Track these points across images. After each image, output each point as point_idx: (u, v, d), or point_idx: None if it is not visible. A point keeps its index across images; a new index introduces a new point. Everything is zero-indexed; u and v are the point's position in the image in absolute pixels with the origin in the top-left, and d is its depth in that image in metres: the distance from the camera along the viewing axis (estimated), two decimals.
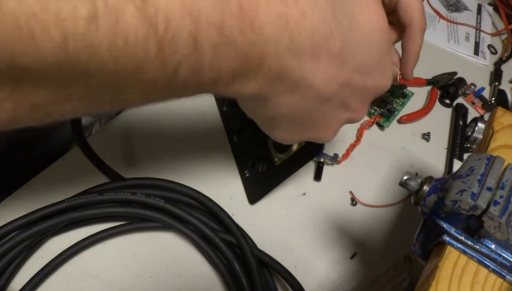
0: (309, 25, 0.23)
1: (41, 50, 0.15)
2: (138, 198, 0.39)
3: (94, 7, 0.16)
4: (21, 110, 0.18)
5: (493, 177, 0.25)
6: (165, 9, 0.18)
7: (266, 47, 0.22)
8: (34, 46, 0.15)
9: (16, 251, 0.37)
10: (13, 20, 0.15)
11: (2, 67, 0.15)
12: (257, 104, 0.27)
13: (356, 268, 0.42)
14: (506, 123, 0.33)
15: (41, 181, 0.43)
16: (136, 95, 0.20)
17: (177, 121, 0.49)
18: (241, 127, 0.47)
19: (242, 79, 0.23)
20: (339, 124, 0.31)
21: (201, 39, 0.19)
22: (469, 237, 0.26)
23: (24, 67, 0.16)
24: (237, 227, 0.39)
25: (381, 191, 0.47)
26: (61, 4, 0.15)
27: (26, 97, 0.17)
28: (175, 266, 0.40)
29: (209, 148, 0.48)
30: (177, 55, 0.19)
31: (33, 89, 0.17)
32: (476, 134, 0.49)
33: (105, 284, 0.38)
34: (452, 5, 0.69)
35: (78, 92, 0.18)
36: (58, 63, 0.16)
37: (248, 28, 0.21)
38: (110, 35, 0.16)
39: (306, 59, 0.23)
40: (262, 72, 0.23)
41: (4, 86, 0.16)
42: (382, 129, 0.52)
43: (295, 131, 0.30)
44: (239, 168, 0.46)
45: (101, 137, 0.47)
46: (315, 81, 0.25)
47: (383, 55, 0.29)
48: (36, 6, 0.15)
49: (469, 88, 0.57)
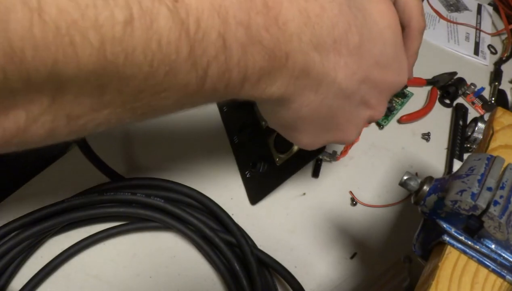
0: (329, 19, 0.23)
1: (80, 57, 0.16)
2: (138, 198, 0.39)
3: (130, 11, 0.16)
4: (58, 122, 0.18)
5: (493, 177, 0.25)
6: (196, 10, 0.18)
7: (291, 43, 0.22)
8: (74, 54, 0.15)
9: (16, 251, 0.37)
10: (55, 28, 0.15)
11: (43, 76, 0.15)
12: (280, 108, 0.27)
13: (356, 268, 0.42)
14: (506, 123, 0.33)
15: (41, 181, 0.43)
16: (167, 100, 0.20)
17: (177, 122, 0.49)
18: (242, 128, 0.47)
19: (268, 78, 0.23)
20: (361, 123, 0.31)
21: (229, 39, 0.19)
22: (469, 237, 0.26)
23: (64, 75, 0.16)
24: (237, 227, 0.39)
25: (381, 191, 0.47)
26: (99, 10, 0.15)
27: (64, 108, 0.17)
28: (175, 266, 0.40)
29: (209, 148, 0.48)
30: (206, 56, 0.19)
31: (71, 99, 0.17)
32: (476, 134, 0.49)
33: (105, 284, 0.38)
34: (452, 5, 0.69)
35: (113, 100, 0.18)
36: (95, 69, 0.16)
37: (273, 25, 0.21)
38: (145, 38, 0.17)
39: (328, 53, 0.24)
40: (287, 70, 0.23)
41: (45, 97, 0.16)
42: (381, 128, 0.52)
43: (318, 134, 0.30)
44: (240, 168, 0.46)
45: (101, 137, 0.47)
46: (338, 76, 0.25)
47: (399, 51, 0.29)
48: (76, 14, 0.15)
49: (469, 88, 0.57)
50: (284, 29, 0.21)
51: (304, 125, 0.28)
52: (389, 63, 0.28)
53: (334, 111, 0.28)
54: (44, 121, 0.17)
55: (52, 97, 0.17)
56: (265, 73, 0.22)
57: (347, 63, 0.25)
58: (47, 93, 0.16)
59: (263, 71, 0.22)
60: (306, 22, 0.22)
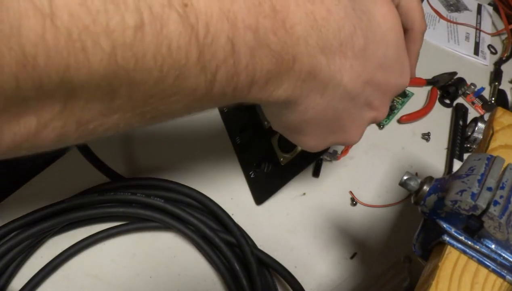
0: (335, 22, 0.23)
1: (92, 63, 0.16)
2: (138, 198, 0.39)
3: (141, 16, 0.16)
4: (68, 128, 0.18)
5: (493, 177, 0.25)
6: (205, 14, 0.18)
7: (298, 46, 0.22)
8: (86, 59, 0.15)
9: (16, 251, 0.37)
10: (67, 34, 0.15)
11: (55, 82, 0.15)
12: (286, 111, 0.27)
13: (356, 268, 0.42)
14: (506, 123, 0.33)
15: (41, 181, 0.43)
16: (175, 105, 0.20)
17: (177, 122, 0.49)
18: (243, 128, 0.47)
19: (275, 81, 0.23)
20: (365, 125, 0.31)
21: (238, 43, 0.20)
22: (469, 237, 0.26)
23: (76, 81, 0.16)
24: (237, 227, 0.39)
25: (381, 191, 0.47)
26: (110, 15, 0.15)
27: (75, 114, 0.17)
28: (175, 266, 0.40)
29: (209, 148, 0.48)
30: (215, 60, 0.19)
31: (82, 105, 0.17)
32: (476, 134, 0.49)
33: (105, 284, 0.38)
34: (452, 5, 0.69)
35: (123, 105, 0.18)
36: (106, 75, 0.16)
37: (281, 28, 0.21)
38: (155, 43, 0.17)
39: (334, 55, 0.24)
40: (294, 73, 0.23)
41: (56, 103, 0.16)
42: (381, 128, 0.52)
43: (323, 136, 0.30)
44: (244, 168, 0.46)
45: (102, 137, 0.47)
46: (343, 78, 0.25)
47: (401, 53, 0.29)
48: (87, 19, 0.15)
49: (469, 88, 0.57)
50: (291, 32, 0.21)
51: (309, 128, 0.29)
52: (392, 65, 0.28)
53: (339, 113, 0.28)
54: (55, 127, 0.17)
55: (64, 103, 0.17)
56: (272, 76, 0.22)
57: (353, 65, 0.25)
58: (59, 100, 0.16)
59: (270, 74, 0.22)
60: (313, 25, 0.22)
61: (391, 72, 0.29)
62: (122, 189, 0.40)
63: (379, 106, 0.30)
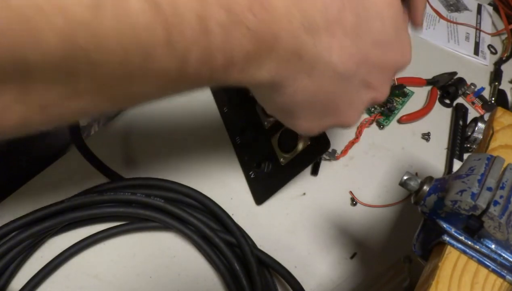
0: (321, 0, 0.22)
1: (48, 43, 0.15)
2: (138, 198, 0.39)
3: None
4: (31, 111, 0.17)
5: (493, 177, 0.25)
6: None
7: (279, 25, 0.21)
8: (41, 39, 0.15)
9: (16, 251, 0.37)
10: (21, 14, 0.14)
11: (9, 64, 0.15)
12: (274, 94, 0.26)
13: (356, 268, 0.42)
14: (506, 123, 0.33)
15: (41, 181, 0.43)
16: (148, 87, 0.19)
17: (177, 122, 0.49)
18: (244, 128, 0.47)
19: (257, 62, 0.22)
20: (363, 106, 0.30)
21: (209, 22, 0.18)
22: (469, 237, 0.26)
23: (32, 62, 0.15)
24: (237, 227, 0.39)
25: (381, 190, 0.47)
26: None
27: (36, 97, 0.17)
28: (175, 266, 0.40)
29: (209, 148, 0.48)
30: (185, 41, 0.18)
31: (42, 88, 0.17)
32: (476, 134, 0.49)
33: (105, 284, 0.38)
34: (452, 5, 0.69)
35: (88, 87, 0.18)
36: (64, 56, 0.16)
37: (258, 6, 0.20)
38: (116, 22, 0.16)
39: (320, 35, 0.23)
40: (277, 53, 0.22)
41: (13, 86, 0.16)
42: (382, 128, 0.52)
43: (317, 119, 0.29)
44: (244, 168, 0.46)
45: (101, 137, 0.47)
46: (332, 58, 0.24)
47: (400, 29, 0.28)
48: None
49: (469, 88, 0.57)
50: (270, 10, 0.20)
51: (302, 111, 0.28)
52: (390, 42, 0.27)
53: (333, 95, 0.27)
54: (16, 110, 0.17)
55: (22, 85, 0.16)
56: (252, 57, 0.21)
57: (343, 45, 0.24)
58: (16, 81, 0.16)
59: (250, 55, 0.21)
60: (295, 3, 0.21)
61: (389, 50, 0.27)
62: (122, 189, 0.40)
63: (378, 86, 0.28)
